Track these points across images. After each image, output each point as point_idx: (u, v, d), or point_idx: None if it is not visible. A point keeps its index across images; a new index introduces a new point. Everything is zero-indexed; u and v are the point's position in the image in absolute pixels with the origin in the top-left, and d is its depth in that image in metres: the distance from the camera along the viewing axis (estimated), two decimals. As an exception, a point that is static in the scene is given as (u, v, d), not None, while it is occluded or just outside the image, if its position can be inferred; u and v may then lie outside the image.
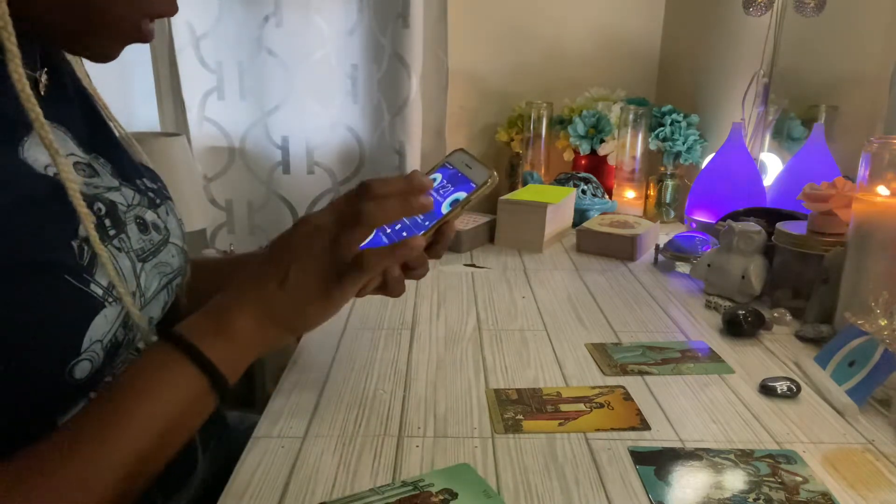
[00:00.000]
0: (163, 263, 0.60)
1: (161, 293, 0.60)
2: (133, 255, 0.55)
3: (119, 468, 0.47)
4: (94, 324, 0.49)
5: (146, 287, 0.56)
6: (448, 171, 0.64)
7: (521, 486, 0.51)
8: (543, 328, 0.82)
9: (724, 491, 0.51)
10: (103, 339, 0.50)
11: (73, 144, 0.56)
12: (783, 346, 0.77)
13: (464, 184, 0.62)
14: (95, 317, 0.49)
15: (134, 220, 0.57)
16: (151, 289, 0.58)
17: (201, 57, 1.51)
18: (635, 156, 1.40)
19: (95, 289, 0.49)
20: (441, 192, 0.63)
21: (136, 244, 0.56)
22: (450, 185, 0.63)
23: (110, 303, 0.50)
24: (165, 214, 0.63)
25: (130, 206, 0.58)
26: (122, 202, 0.57)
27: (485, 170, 0.61)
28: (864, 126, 1.06)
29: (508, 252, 1.14)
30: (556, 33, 1.67)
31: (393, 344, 0.77)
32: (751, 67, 1.25)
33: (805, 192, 0.86)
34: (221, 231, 1.63)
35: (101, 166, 0.58)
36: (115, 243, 0.53)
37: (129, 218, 0.57)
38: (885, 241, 0.72)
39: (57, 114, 0.54)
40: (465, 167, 0.63)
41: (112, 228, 0.53)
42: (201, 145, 1.56)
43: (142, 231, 0.58)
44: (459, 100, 1.66)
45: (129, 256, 0.54)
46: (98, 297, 0.49)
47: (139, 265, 0.56)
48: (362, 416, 0.61)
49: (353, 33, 1.51)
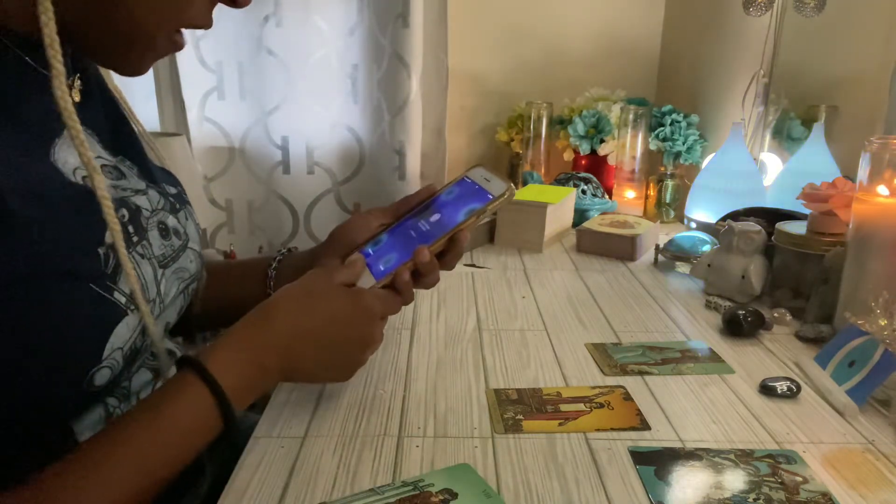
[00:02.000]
0: (181, 269, 0.60)
1: (178, 298, 0.61)
2: (155, 262, 0.55)
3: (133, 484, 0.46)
4: (115, 332, 0.49)
5: (165, 293, 0.57)
6: (466, 183, 0.65)
7: (521, 486, 0.51)
8: (543, 328, 0.82)
9: (724, 491, 0.51)
10: (124, 346, 0.50)
11: (99, 147, 0.56)
12: (783, 346, 0.77)
13: (481, 196, 0.63)
14: (118, 325, 0.49)
15: (157, 226, 0.57)
16: (170, 295, 0.58)
17: (201, 57, 1.51)
18: (635, 156, 1.40)
19: (119, 297, 0.49)
20: (456, 203, 0.64)
21: (157, 250, 0.56)
22: (466, 196, 0.64)
23: (132, 311, 0.50)
24: (185, 219, 0.64)
25: (154, 211, 0.58)
26: (147, 206, 0.57)
27: (503, 183, 0.62)
28: (864, 126, 1.06)
29: (508, 252, 1.14)
30: (556, 33, 1.67)
31: (393, 344, 0.76)
32: (751, 67, 1.25)
33: (805, 192, 0.86)
34: (221, 231, 1.63)
35: (127, 168, 0.58)
36: (139, 250, 0.53)
37: (152, 223, 0.57)
38: (885, 241, 0.72)
39: (85, 117, 0.54)
40: (483, 181, 0.64)
41: (135, 235, 0.54)
42: (201, 145, 1.56)
43: (164, 237, 0.58)
44: (459, 100, 1.66)
45: (152, 263, 0.55)
46: (121, 305, 0.49)
47: (160, 272, 0.56)
48: (362, 416, 0.61)
49: (353, 33, 1.51)
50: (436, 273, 0.62)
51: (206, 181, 1.58)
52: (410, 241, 0.63)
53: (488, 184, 0.63)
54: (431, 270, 0.61)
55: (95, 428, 0.53)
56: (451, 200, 0.65)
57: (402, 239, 0.64)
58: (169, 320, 0.60)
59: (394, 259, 0.62)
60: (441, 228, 0.62)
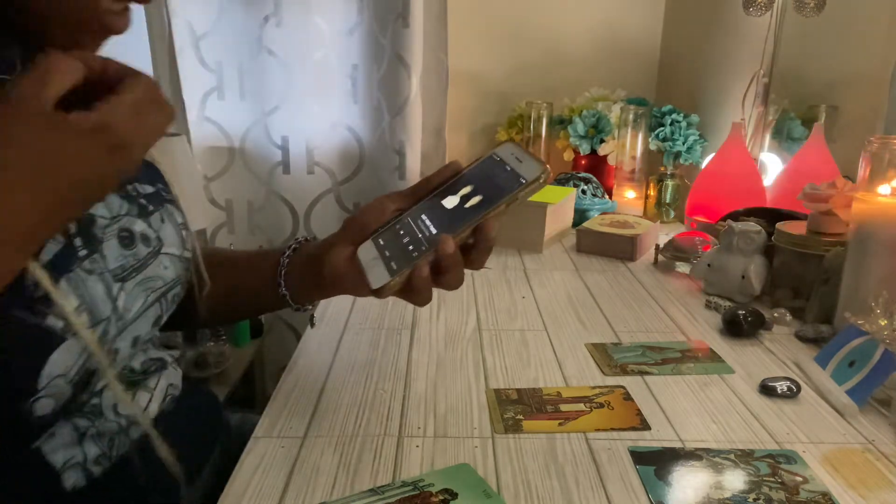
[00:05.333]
0: (150, 279, 0.56)
1: (150, 309, 0.56)
2: (108, 277, 0.51)
3: None
4: (51, 360, 0.45)
5: (125, 308, 0.52)
6: (494, 163, 0.56)
7: (521, 486, 0.51)
8: (543, 328, 0.82)
9: (724, 491, 0.51)
10: (67, 373, 0.47)
11: None
12: (783, 346, 0.77)
13: (511, 179, 0.53)
14: (53, 352, 0.45)
15: (116, 235, 0.53)
16: (134, 309, 0.54)
17: (201, 57, 1.51)
18: (635, 156, 1.40)
19: (54, 322, 0.45)
20: (482, 186, 0.55)
21: (114, 262, 0.52)
22: (494, 178, 0.55)
23: (73, 335, 0.46)
24: (160, 222, 0.59)
25: (115, 218, 0.54)
26: (105, 214, 0.53)
27: (536, 164, 0.53)
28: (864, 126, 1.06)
29: (508, 252, 1.14)
30: (556, 33, 1.66)
31: (393, 344, 0.76)
32: (751, 67, 1.25)
33: (805, 192, 0.86)
34: (221, 231, 1.63)
35: None
36: (86, 266, 0.49)
37: (111, 232, 0.53)
38: (885, 241, 0.72)
39: None
40: (514, 160, 0.55)
41: (83, 248, 0.49)
42: (201, 145, 1.56)
43: (125, 245, 0.54)
44: (459, 100, 1.66)
45: (103, 278, 0.50)
46: (56, 330, 0.45)
47: (116, 286, 0.52)
48: (362, 416, 0.61)
49: (353, 33, 1.51)
50: (459, 270, 0.53)
51: (206, 181, 1.58)
52: (430, 230, 0.54)
53: (520, 165, 0.54)
54: (455, 266, 0.52)
55: (69, 449, 0.51)
56: (479, 183, 0.55)
57: (421, 226, 0.55)
58: (139, 334, 0.55)
59: (410, 250, 0.53)
60: (465, 216, 0.53)
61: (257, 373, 1.63)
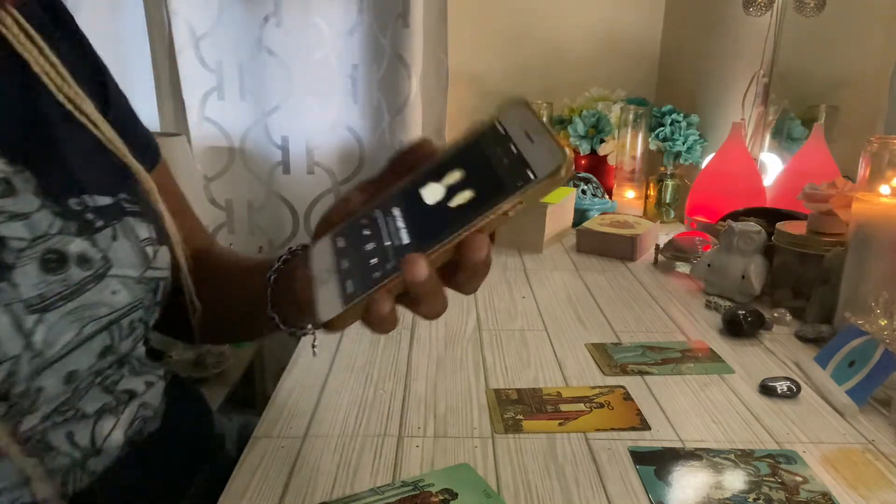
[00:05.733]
0: (88, 306, 0.47)
1: (92, 340, 0.48)
2: (20, 307, 0.44)
3: None
4: None
5: (46, 342, 0.45)
6: (496, 137, 0.37)
7: (521, 486, 0.51)
8: (543, 328, 0.82)
9: (724, 491, 0.51)
10: None
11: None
12: (783, 346, 0.77)
13: (516, 168, 0.35)
14: None
15: (38, 258, 0.45)
16: (59, 343, 0.46)
17: (201, 57, 1.51)
18: (635, 156, 1.40)
19: None
20: (475, 174, 0.36)
21: (29, 291, 0.44)
22: (493, 163, 0.36)
23: None
24: (109, 240, 0.50)
25: (39, 238, 0.46)
26: (23, 236, 0.45)
27: (555, 149, 0.34)
28: (864, 126, 1.06)
29: (508, 252, 1.14)
30: (556, 33, 1.66)
31: (393, 344, 0.76)
32: (751, 67, 1.25)
33: (805, 192, 0.86)
34: (221, 231, 1.63)
35: (23, 182, 0.46)
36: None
37: (28, 256, 0.45)
38: (885, 241, 0.72)
39: None
40: (524, 138, 0.35)
41: None
42: (201, 145, 1.56)
43: (49, 270, 0.46)
44: (459, 100, 1.66)
45: (10, 310, 0.43)
46: None
47: (32, 317, 0.44)
48: (362, 416, 0.61)
49: (353, 33, 1.51)
50: (439, 298, 0.40)
51: (206, 181, 1.58)
52: (400, 237, 0.37)
53: (531, 147, 0.35)
54: (429, 295, 0.39)
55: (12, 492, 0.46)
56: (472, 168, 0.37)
57: (391, 227, 0.38)
58: (77, 368, 0.48)
59: (371, 266, 0.37)
60: (447, 222, 0.36)
61: (257, 373, 1.63)
